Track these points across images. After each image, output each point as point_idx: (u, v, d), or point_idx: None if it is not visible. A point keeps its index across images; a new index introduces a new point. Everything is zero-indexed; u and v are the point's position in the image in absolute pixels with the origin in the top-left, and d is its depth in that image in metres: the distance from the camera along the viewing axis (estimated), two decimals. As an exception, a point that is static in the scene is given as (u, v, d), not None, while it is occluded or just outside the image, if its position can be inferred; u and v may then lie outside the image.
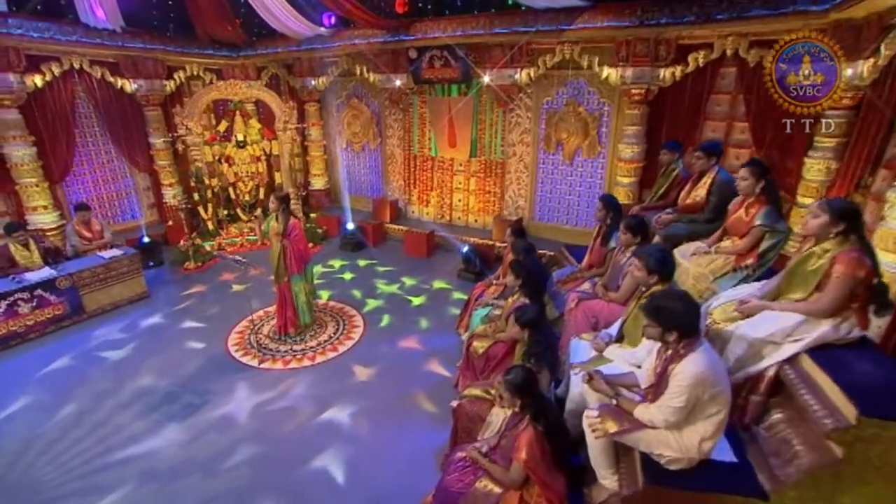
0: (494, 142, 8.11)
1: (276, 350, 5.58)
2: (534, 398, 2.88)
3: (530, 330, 3.45)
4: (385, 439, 4.22)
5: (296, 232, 5.38)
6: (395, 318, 6.31)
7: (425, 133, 8.72)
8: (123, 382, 5.05)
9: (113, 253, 6.56)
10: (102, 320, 6.30)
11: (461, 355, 5.26)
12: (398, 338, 5.84)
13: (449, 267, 7.77)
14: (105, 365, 5.38)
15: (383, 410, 4.58)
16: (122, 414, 4.59)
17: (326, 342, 5.75)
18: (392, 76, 8.12)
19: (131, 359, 5.49)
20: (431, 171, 8.88)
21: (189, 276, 7.58)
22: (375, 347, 5.65)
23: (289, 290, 5.58)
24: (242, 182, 8.69)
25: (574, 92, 7.21)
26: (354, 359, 5.43)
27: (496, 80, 7.38)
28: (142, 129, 8.49)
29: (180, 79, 8.71)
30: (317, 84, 9.00)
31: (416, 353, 5.55)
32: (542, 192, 7.94)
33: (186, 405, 4.70)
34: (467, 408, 3.76)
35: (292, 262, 5.41)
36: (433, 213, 9.14)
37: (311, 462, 3.98)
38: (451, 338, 5.80)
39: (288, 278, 5.51)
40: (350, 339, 5.81)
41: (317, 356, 5.48)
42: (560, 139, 7.49)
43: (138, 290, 6.74)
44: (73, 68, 7.49)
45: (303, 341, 5.72)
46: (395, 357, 5.46)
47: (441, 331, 5.98)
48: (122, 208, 8.64)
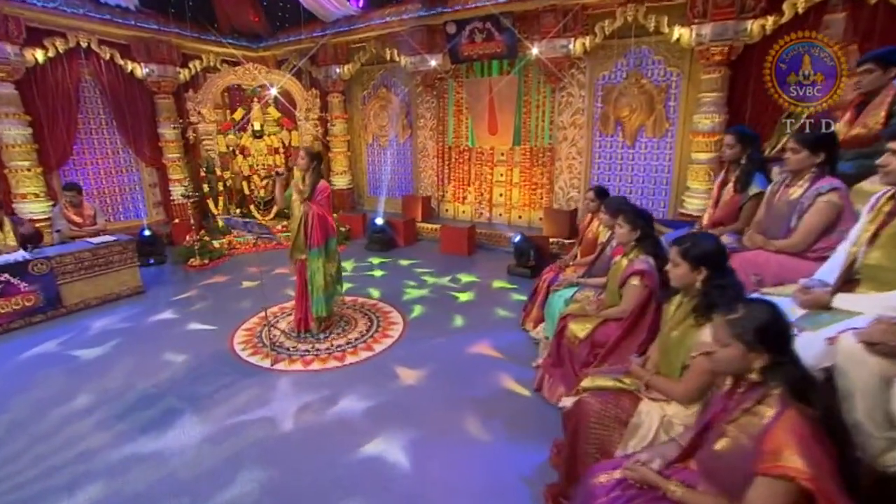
0: (542, 126, 6.93)
1: (293, 349, 4.18)
2: (788, 356, 1.48)
3: (710, 270, 2.07)
4: (451, 464, 2.77)
5: (323, 195, 4.12)
6: (440, 314, 4.92)
7: (462, 121, 7.58)
8: (89, 385, 3.67)
9: (103, 238, 5.28)
10: (84, 316, 4.95)
11: (543, 351, 3.88)
12: (448, 336, 4.44)
13: (495, 264, 6.42)
14: (72, 365, 4.00)
15: (443, 424, 3.15)
16: (76, 424, 3.18)
17: (358, 340, 4.34)
18: (427, 56, 7.04)
19: (107, 358, 4.11)
20: (468, 163, 7.68)
21: (193, 273, 6.25)
22: (421, 346, 4.25)
23: (306, 270, 4.23)
24: (258, 176, 7.48)
25: (636, 62, 6.04)
26: (396, 359, 4.02)
27: (546, 52, 6.25)
28: (151, 119, 7.41)
29: (195, 68, 7.70)
30: (342, 73, 7.95)
31: (475, 352, 4.14)
32: (600, 180, 6.66)
33: (168, 412, 3.29)
34: (593, 405, 2.33)
35: (315, 230, 4.10)
36: (471, 211, 7.86)
37: (347, 501, 2.52)
38: (516, 335, 4.42)
39: (306, 254, 4.19)
40: (388, 337, 4.41)
41: (346, 355, 4.06)
42: (620, 117, 6.28)
43: (131, 283, 5.40)
44: (80, 47, 6.47)
45: (327, 339, 4.33)
46: (448, 357, 4.05)
47: (500, 328, 4.58)
48: (125, 204, 7.43)
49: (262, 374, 3.82)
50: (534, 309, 4.47)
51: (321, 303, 4.29)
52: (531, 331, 4.38)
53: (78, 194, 5.44)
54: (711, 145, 5.42)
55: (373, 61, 7.81)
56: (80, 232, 5.42)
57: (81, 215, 5.50)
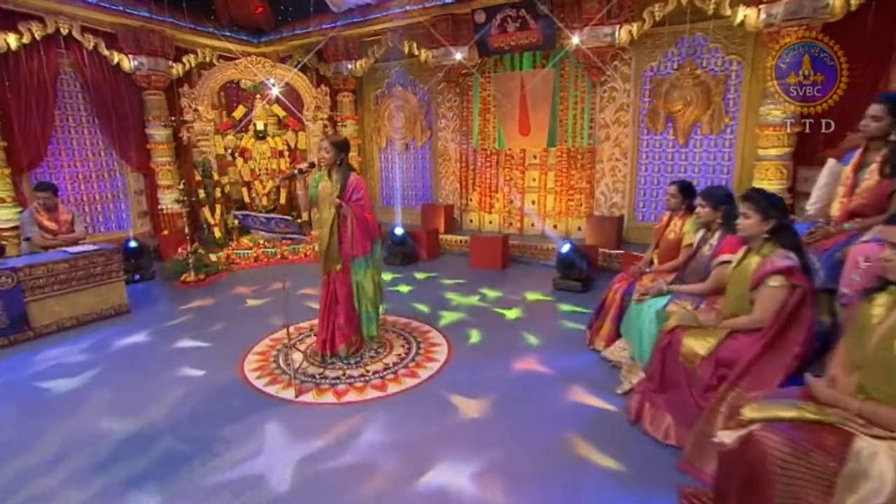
0: (580, 124, 6.53)
1: (320, 376, 3.58)
2: None
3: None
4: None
5: (360, 192, 3.59)
6: (488, 334, 4.37)
7: (489, 120, 7.18)
8: (60, 425, 3.04)
9: (84, 248, 4.67)
10: (57, 340, 4.30)
11: (630, 374, 3.36)
12: (504, 358, 3.88)
13: (535, 278, 5.91)
14: (39, 399, 3.37)
15: (522, 467, 2.58)
16: (41, 478, 2.55)
17: (398, 365, 3.75)
18: (451, 49, 6.65)
19: (85, 391, 3.47)
20: (496, 167, 7.24)
21: (187, 290, 5.63)
22: (475, 371, 3.67)
23: (344, 283, 3.68)
24: (260, 181, 6.94)
25: (689, 51, 5.69)
26: (449, 387, 3.44)
27: (588, 41, 5.88)
28: (138, 118, 6.89)
29: (189, 63, 7.22)
30: (353, 69, 7.53)
31: (541, 377, 3.58)
32: (647, 184, 6.25)
33: (166, 459, 2.68)
34: (777, 444, 1.78)
35: (355, 237, 3.58)
36: (498, 221, 7.38)
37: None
38: (585, 355, 3.89)
39: (345, 265, 3.64)
40: (432, 361, 3.83)
41: (388, 384, 3.47)
42: (671, 113, 5.89)
43: (115, 301, 4.78)
44: (60, 33, 5.97)
45: (359, 364, 3.74)
46: (510, 383, 3.48)
47: (563, 348, 4.04)
48: (106, 214, 6.82)
49: (284, 407, 3.21)
50: (603, 325, 3.96)
51: (372, 320, 3.77)
52: (603, 350, 3.85)
53: (52, 196, 4.85)
54: (785, 139, 5.02)
55: (389, 56, 7.41)
56: (55, 240, 4.81)
57: (56, 221, 4.89)
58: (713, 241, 3.29)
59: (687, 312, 3.00)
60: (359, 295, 3.74)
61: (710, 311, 2.91)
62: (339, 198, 3.55)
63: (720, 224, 3.27)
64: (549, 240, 6.65)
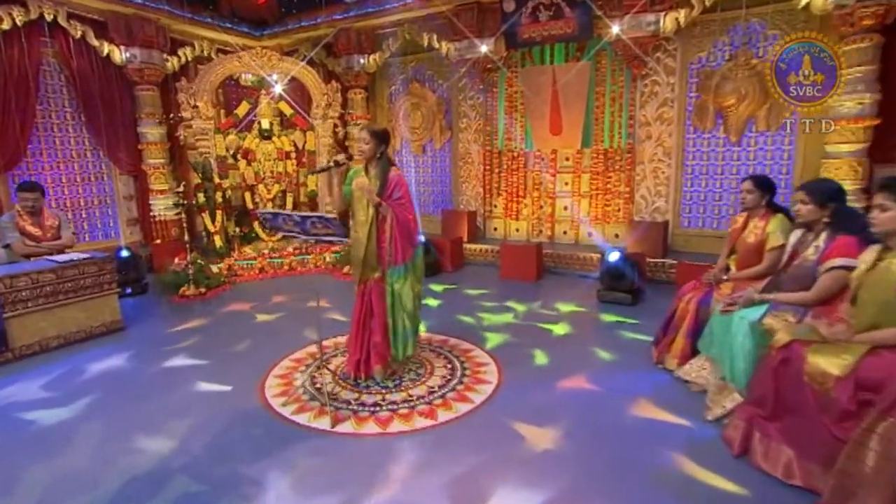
0: (618, 122, 6.31)
1: (357, 403, 3.23)
2: None
3: None
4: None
5: (401, 190, 3.30)
6: (539, 352, 4.04)
7: (516, 120, 6.97)
8: (47, 463, 2.67)
9: (73, 256, 4.32)
10: (42, 362, 3.92)
11: (718, 396, 3.07)
12: (563, 379, 3.56)
13: (575, 290, 5.63)
14: (23, 433, 2.99)
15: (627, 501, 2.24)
16: None
17: (444, 388, 3.41)
18: (476, 41, 6.44)
19: (77, 422, 3.11)
20: (524, 170, 7.01)
21: (187, 305, 5.28)
22: (535, 394, 3.35)
23: (382, 294, 3.36)
24: (265, 185, 6.62)
25: (743, 39, 5.50)
26: (509, 413, 3.10)
27: (629, 30, 5.69)
28: (130, 115, 6.65)
29: (185, 57, 6.97)
30: (366, 64, 7.31)
31: (610, 400, 3.26)
32: (694, 187, 6.01)
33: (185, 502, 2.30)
34: None
35: (395, 242, 3.29)
36: (527, 229, 7.12)
37: None
38: (656, 375, 3.60)
39: (383, 272, 3.33)
40: (482, 383, 3.50)
41: (437, 410, 3.12)
42: (722, 108, 5.68)
43: (107, 316, 4.41)
44: (44, 19, 5.70)
45: (398, 387, 3.39)
46: (579, 408, 3.15)
47: (627, 367, 3.75)
48: (92, 221, 6.47)
49: (319, 439, 2.85)
50: (675, 341, 3.66)
51: (409, 337, 3.45)
52: (676, 369, 3.54)
53: (40, 198, 4.50)
54: (861, 133, 4.79)
55: (405, 50, 7.20)
56: (39, 248, 4.45)
57: (41, 226, 4.53)
58: (819, 244, 3.00)
59: (800, 325, 2.70)
60: (394, 308, 3.42)
61: (835, 324, 2.61)
62: (379, 196, 3.25)
63: (826, 224, 2.99)
64: (586, 248, 6.41)
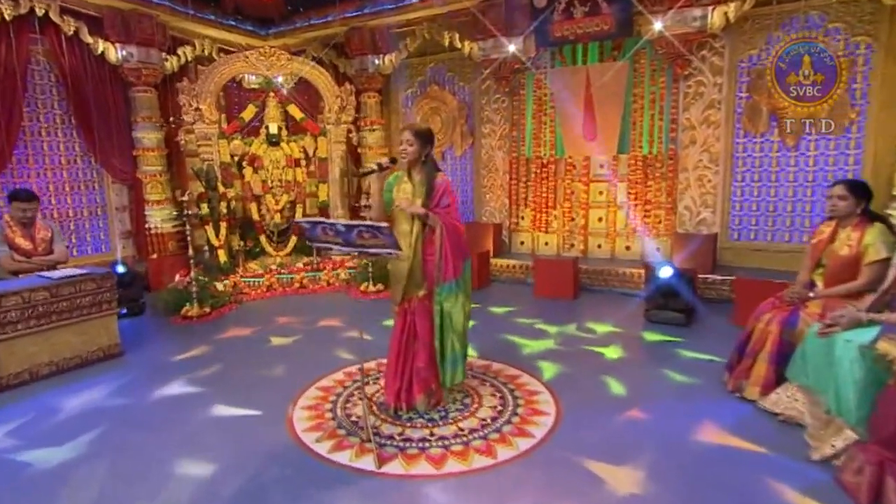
0: (659, 126, 6.19)
1: (402, 438, 2.99)
2: None
3: None
4: None
5: (449, 197, 3.15)
6: (595, 378, 3.84)
7: (544, 124, 6.85)
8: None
9: (68, 272, 4.09)
10: (33, 393, 3.66)
11: (822, 432, 2.87)
12: (631, 409, 3.35)
13: (618, 309, 5.43)
14: (20, 477, 2.73)
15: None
16: None
17: (498, 420, 3.19)
18: (504, 40, 6.34)
19: (82, 462, 2.85)
20: (554, 179, 6.87)
21: (190, 326, 5.04)
22: (604, 427, 3.13)
23: (426, 313, 3.18)
24: (273, 195, 6.43)
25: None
26: (579, 450, 2.88)
27: (672, 26, 5.59)
28: (124, 119, 6.49)
29: (185, 57, 6.84)
30: (381, 65, 7.21)
31: (689, 432, 3.05)
32: (744, 196, 5.87)
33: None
34: None
35: (445, 255, 3.10)
36: (557, 243, 6.95)
37: None
38: (732, 405, 3.38)
39: (429, 290, 3.16)
40: (539, 414, 3.28)
41: (495, 447, 2.89)
42: (776, 110, 5.55)
43: (104, 340, 4.18)
44: (34, 14, 5.55)
45: (446, 419, 3.17)
46: (658, 444, 2.93)
47: (698, 395, 3.54)
48: (81, 233, 6.26)
49: (366, 482, 2.62)
50: (754, 367, 3.44)
51: (458, 362, 3.24)
52: (759, 399, 3.32)
53: (35, 208, 4.28)
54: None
55: (423, 50, 7.11)
56: (30, 263, 4.22)
57: (32, 238, 4.30)
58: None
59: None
60: (443, 329, 3.22)
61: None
62: (424, 205, 3.08)
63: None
64: (625, 263, 6.26)
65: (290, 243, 6.48)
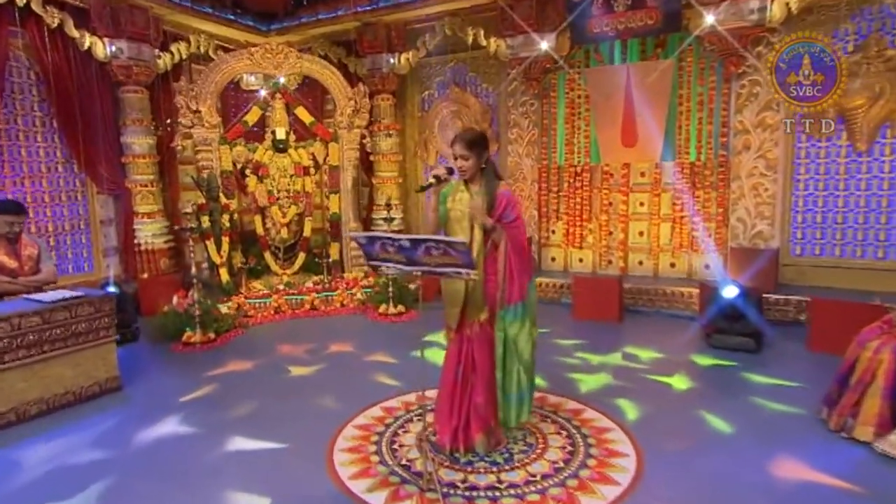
0: (707, 131, 6.16)
1: (465, 485, 2.81)
2: None
3: None
4: None
5: (515, 210, 3.02)
6: (669, 414, 3.73)
7: (578, 129, 6.84)
8: None
9: (61, 294, 3.89)
10: (18, 437, 3.43)
11: None
12: (718, 448, 3.22)
13: (672, 332, 5.39)
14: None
15: None
16: None
17: (571, 463, 3.02)
18: (535, 37, 6.29)
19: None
20: (588, 189, 6.83)
21: (193, 355, 4.88)
22: (698, 474, 2.97)
23: (487, 341, 3.05)
24: (279, 207, 6.28)
25: (874, 25, 5.32)
26: (674, 499, 2.70)
27: (726, 20, 5.54)
28: (112, 122, 6.37)
29: (179, 54, 6.74)
30: (396, 64, 7.14)
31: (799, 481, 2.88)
32: (807, 207, 5.80)
33: None
34: None
35: (510, 274, 2.98)
36: (593, 259, 6.88)
37: None
38: (837, 446, 3.22)
39: (491, 314, 3.02)
40: (617, 456, 3.12)
41: (576, 497, 2.72)
42: (845, 111, 5.49)
43: (101, 372, 3.99)
44: (14, 4, 5.41)
45: (512, 463, 3.01)
46: (766, 493, 2.77)
47: (791, 432, 3.40)
48: (62, 250, 6.05)
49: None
50: (863, 403, 3.29)
51: (525, 397, 3.08)
52: (876, 441, 3.15)
53: (19, 221, 4.08)
54: None
55: (444, 48, 7.09)
56: (15, 284, 4.00)
57: (17, 256, 4.09)
58: None
59: None
60: (506, 359, 3.06)
61: None
62: (494, 217, 2.96)
63: None
64: (671, 281, 6.22)
65: (297, 261, 6.33)
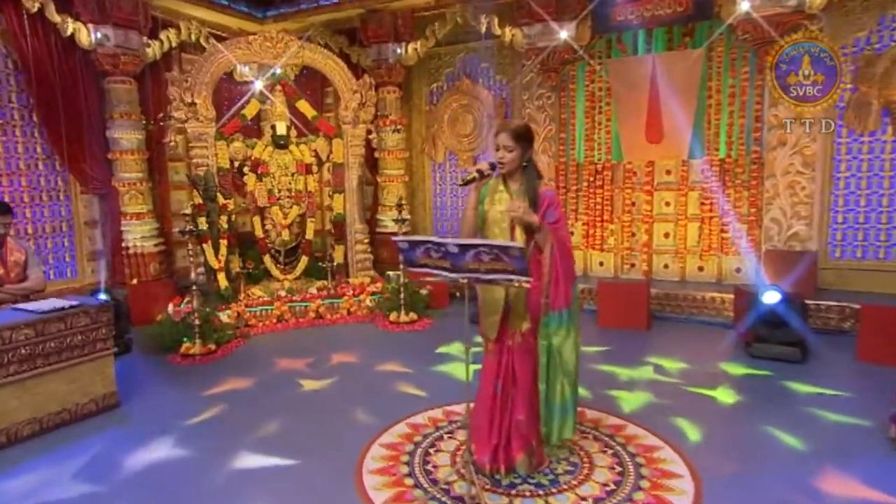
0: (739, 126, 6.14)
1: (512, 509, 2.74)
2: None
3: None
4: None
5: (557, 211, 2.98)
6: (717, 429, 3.73)
7: (599, 124, 6.81)
8: None
9: (54, 303, 3.76)
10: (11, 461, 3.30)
11: None
12: (783, 464, 3.16)
13: (705, 341, 5.39)
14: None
15: None
16: None
17: (622, 485, 2.95)
18: (554, 25, 6.25)
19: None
20: (610, 188, 6.82)
21: (193, 367, 4.80)
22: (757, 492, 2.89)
23: (529, 353, 2.98)
24: (280, 208, 6.17)
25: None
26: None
27: (762, 7, 5.50)
28: (97, 115, 6.25)
29: (169, 42, 6.61)
30: (404, 54, 7.07)
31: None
32: (850, 207, 5.81)
33: None
34: None
35: (555, 279, 2.91)
36: (614, 262, 6.88)
37: None
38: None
39: (533, 323, 2.95)
40: (670, 477, 3.06)
41: (634, 523, 2.65)
42: (890, 104, 5.49)
43: (98, 388, 3.88)
44: (-8, -11, 5.33)
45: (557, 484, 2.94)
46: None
47: (858, 448, 3.32)
48: (43, 254, 5.92)
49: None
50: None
51: (569, 412, 3.00)
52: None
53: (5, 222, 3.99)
54: None
55: (454, 38, 7.03)
56: (2, 293, 3.88)
57: (4, 262, 3.98)
58: None
59: None
60: (549, 370, 2.98)
61: None
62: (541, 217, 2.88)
63: None
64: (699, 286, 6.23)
65: (299, 265, 6.23)
